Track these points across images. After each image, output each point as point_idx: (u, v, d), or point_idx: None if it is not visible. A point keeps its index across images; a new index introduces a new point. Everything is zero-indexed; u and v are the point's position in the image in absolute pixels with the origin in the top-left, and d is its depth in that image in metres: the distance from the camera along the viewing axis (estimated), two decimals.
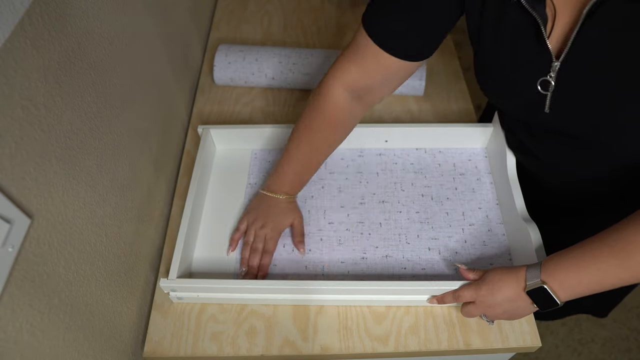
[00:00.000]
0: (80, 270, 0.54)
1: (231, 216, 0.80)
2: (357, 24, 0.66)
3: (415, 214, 0.79)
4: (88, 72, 0.56)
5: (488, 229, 0.77)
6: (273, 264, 0.74)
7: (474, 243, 0.76)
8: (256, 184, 0.83)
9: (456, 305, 0.69)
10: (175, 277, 0.67)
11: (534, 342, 0.67)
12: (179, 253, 0.69)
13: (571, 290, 0.56)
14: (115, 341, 0.63)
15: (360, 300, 0.70)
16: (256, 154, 0.87)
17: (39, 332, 0.46)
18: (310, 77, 0.95)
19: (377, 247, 0.76)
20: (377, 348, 0.67)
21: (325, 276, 0.73)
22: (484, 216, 0.78)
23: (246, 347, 0.67)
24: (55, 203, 0.49)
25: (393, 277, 0.73)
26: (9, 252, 0.42)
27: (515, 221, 0.72)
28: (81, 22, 0.54)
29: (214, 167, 0.86)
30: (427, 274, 0.73)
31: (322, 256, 0.75)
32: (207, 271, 0.74)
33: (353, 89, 0.68)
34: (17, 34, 0.43)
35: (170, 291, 0.68)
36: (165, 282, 0.67)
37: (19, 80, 0.43)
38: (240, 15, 1.15)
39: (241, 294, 0.69)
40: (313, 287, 0.66)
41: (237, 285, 0.67)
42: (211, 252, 0.76)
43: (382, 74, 0.66)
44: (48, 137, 0.48)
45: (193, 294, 0.69)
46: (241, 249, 0.76)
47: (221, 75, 0.96)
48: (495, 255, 0.74)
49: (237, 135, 0.86)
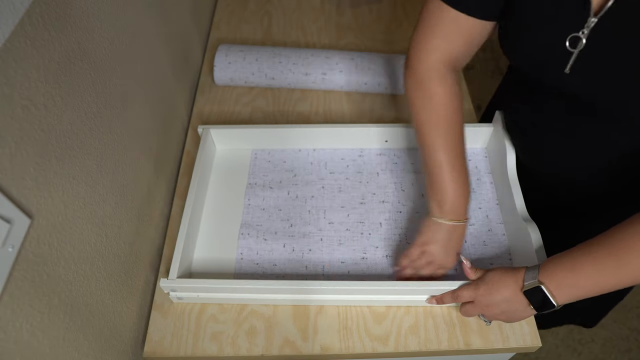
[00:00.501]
0: (80, 270, 0.54)
1: (231, 216, 0.80)
2: (357, 24, 0.66)
3: (415, 214, 0.79)
4: (88, 72, 0.56)
5: (488, 229, 0.77)
6: (273, 264, 0.74)
7: (474, 243, 0.76)
8: (256, 183, 0.83)
9: (455, 305, 0.69)
10: (176, 277, 0.67)
11: (534, 342, 0.67)
12: (179, 253, 0.69)
13: (568, 291, 0.56)
14: (115, 341, 0.63)
15: (361, 301, 0.70)
16: (256, 154, 0.87)
17: (39, 332, 0.46)
18: (311, 77, 0.96)
19: (377, 247, 0.76)
20: (377, 348, 0.67)
21: (325, 276, 0.73)
22: (484, 216, 0.78)
23: (246, 347, 0.67)
24: (55, 203, 0.49)
25: (393, 277, 0.73)
26: (9, 252, 0.42)
27: (515, 221, 0.72)
28: (81, 22, 0.54)
29: (214, 167, 0.86)
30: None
31: (322, 256, 0.75)
32: (207, 271, 0.74)
33: (445, 63, 0.67)
34: (17, 34, 0.43)
35: (170, 291, 0.68)
36: (165, 282, 0.67)
37: (19, 80, 0.43)
38: (240, 15, 1.15)
39: (241, 294, 0.69)
40: (313, 287, 0.66)
41: (237, 286, 0.67)
42: (211, 252, 0.76)
43: (464, 39, 0.65)
44: (48, 137, 0.48)
45: (193, 294, 0.69)
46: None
47: (221, 76, 0.96)
48: (495, 255, 0.74)
49: (237, 135, 0.86)
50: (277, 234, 0.77)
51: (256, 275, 0.74)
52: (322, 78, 0.96)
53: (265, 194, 0.82)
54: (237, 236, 0.78)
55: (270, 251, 0.76)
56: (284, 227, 0.78)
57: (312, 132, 0.85)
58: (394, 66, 0.95)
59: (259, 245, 0.76)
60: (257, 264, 0.75)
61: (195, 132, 0.91)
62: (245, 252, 0.76)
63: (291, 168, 0.85)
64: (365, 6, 1.16)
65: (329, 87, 0.97)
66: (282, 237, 0.77)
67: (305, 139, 0.86)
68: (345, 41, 1.08)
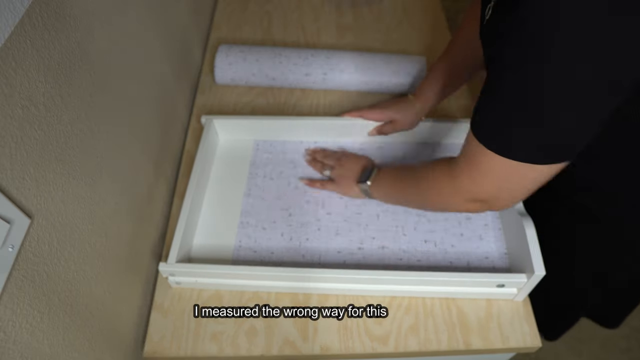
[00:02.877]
0: (80, 270, 0.54)
1: (232, 205, 0.81)
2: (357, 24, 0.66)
3: None
4: (88, 72, 0.56)
5: (484, 223, 0.77)
6: (270, 252, 0.75)
7: (470, 237, 0.76)
8: (257, 173, 0.85)
9: (446, 297, 0.69)
10: (174, 261, 0.67)
11: (534, 343, 0.67)
12: (179, 238, 0.70)
13: (380, 195, 0.76)
14: (116, 341, 0.63)
15: (357, 290, 0.70)
16: (258, 145, 0.88)
17: (39, 332, 0.46)
18: (311, 77, 0.96)
19: (374, 238, 0.76)
20: (377, 348, 0.67)
21: (322, 264, 0.74)
22: None
23: (246, 347, 0.67)
24: (55, 203, 0.49)
25: (389, 268, 0.73)
26: (9, 252, 0.42)
27: (510, 215, 0.73)
28: (81, 22, 0.54)
29: (217, 156, 0.87)
30: (422, 266, 0.73)
31: (319, 245, 0.76)
32: (206, 257, 0.75)
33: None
34: (17, 34, 0.43)
35: (169, 275, 0.69)
36: (164, 267, 0.67)
37: (19, 80, 0.43)
38: (240, 16, 1.15)
39: (239, 279, 0.70)
40: (311, 274, 0.67)
41: (235, 272, 0.68)
42: (210, 239, 0.77)
43: None
44: (48, 137, 0.48)
45: (191, 279, 0.70)
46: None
47: (222, 76, 0.96)
48: (491, 249, 0.75)
49: (240, 126, 0.87)
50: (275, 223, 0.78)
51: (254, 263, 0.74)
52: (323, 78, 0.96)
53: (265, 184, 0.83)
54: (237, 224, 0.78)
55: (268, 239, 0.76)
56: (282, 217, 0.79)
57: (314, 124, 0.86)
58: (394, 66, 0.95)
59: (257, 233, 0.77)
60: (255, 251, 0.75)
61: (195, 132, 0.91)
62: (244, 239, 0.76)
63: (292, 159, 0.86)
64: (365, 6, 1.16)
65: (329, 87, 0.97)
66: (281, 226, 0.78)
67: (307, 132, 0.88)
68: (345, 41, 1.08)
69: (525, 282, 0.66)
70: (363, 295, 0.71)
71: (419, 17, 1.14)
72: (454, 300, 0.71)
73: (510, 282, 0.67)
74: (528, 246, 0.66)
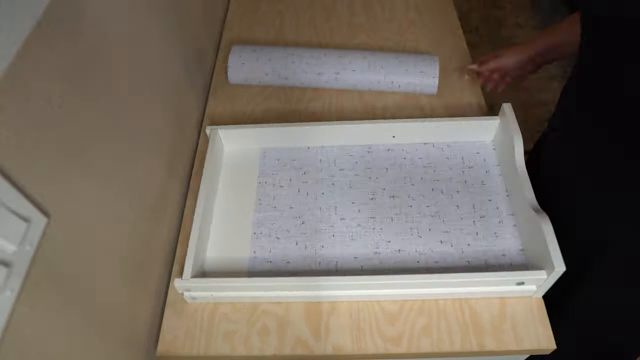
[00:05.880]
0: (95, 269, 0.55)
1: (242, 215, 0.80)
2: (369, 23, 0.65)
3: (425, 207, 0.79)
4: (103, 73, 0.57)
5: (499, 221, 0.77)
6: (286, 261, 0.75)
7: (485, 235, 0.76)
8: (266, 182, 0.84)
9: (463, 297, 0.69)
10: (190, 277, 0.67)
11: (549, 345, 0.66)
12: (192, 253, 0.69)
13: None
14: (129, 340, 0.64)
15: (375, 295, 0.70)
16: (265, 153, 0.88)
17: (55, 331, 0.47)
18: (324, 76, 0.96)
19: (389, 242, 0.76)
20: (390, 349, 0.67)
21: (339, 272, 0.73)
22: (494, 208, 0.78)
23: (258, 347, 0.67)
24: (71, 202, 0.50)
25: (407, 271, 0.73)
26: (27, 251, 0.42)
27: (525, 211, 0.72)
28: (96, 24, 0.55)
29: (224, 167, 0.87)
30: (440, 267, 0.73)
31: (335, 252, 0.75)
32: (219, 270, 0.75)
33: None
34: (35, 35, 0.44)
35: (185, 291, 0.69)
36: (179, 282, 0.67)
37: (36, 81, 0.44)
38: (252, 16, 1.15)
39: (255, 292, 0.69)
40: (326, 282, 0.67)
41: (252, 284, 0.67)
42: (223, 251, 0.77)
43: None
44: (64, 137, 0.49)
45: (207, 293, 0.70)
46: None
47: (235, 76, 0.97)
48: (507, 246, 0.74)
49: (245, 135, 0.86)
50: (289, 232, 0.78)
51: (270, 273, 0.74)
52: (335, 77, 0.95)
53: (275, 193, 0.82)
54: (250, 235, 0.78)
55: (283, 249, 0.76)
56: (295, 225, 0.79)
57: (320, 129, 0.85)
58: (407, 65, 0.94)
59: (272, 243, 0.77)
60: (271, 262, 0.75)
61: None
62: (259, 250, 0.76)
63: (300, 166, 0.86)
64: (377, 5, 1.16)
65: (342, 86, 0.97)
66: (295, 234, 0.77)
67: (313, 137, 0.87)
68: (357, 40, 1.08)
69: (545, 278, 0.65)
70: (379, 301, 0.70)
71: (431, 17, 1.13)
72: (466, 300, 0.70)
73: (530, 279, 0.66)
74: (546, 242, 0.65)
